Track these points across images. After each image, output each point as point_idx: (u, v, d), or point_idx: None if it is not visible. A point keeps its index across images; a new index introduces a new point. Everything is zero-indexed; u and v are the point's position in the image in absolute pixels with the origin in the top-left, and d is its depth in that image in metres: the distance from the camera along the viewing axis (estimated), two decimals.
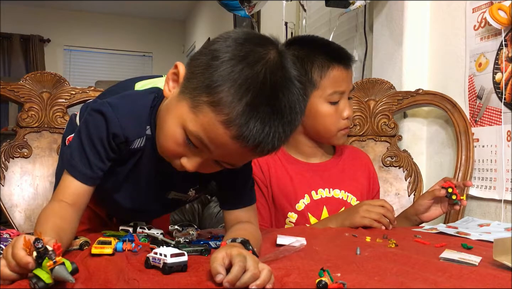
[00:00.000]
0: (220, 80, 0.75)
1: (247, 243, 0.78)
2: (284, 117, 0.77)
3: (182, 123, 0.80)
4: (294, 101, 0.79)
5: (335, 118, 1.33)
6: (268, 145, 0.78)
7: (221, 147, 0.79)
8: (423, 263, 0.82)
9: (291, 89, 0.78)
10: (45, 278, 0.60)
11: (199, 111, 0.78)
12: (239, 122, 0.75)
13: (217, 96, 0.75)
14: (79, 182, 0.90)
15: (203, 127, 0.78)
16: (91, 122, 0.91)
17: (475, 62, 1.56)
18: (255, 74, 0.75)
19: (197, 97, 0.78)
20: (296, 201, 1.35)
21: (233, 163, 0.85)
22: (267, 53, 0.78)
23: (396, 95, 1.71)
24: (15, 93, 1.52)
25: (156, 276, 0.70)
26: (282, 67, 0.78)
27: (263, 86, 0.75)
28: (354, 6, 1.77)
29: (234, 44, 0.78)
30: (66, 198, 0.89)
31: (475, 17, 1.56)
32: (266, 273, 0.66)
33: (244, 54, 0.77)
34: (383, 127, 1.70)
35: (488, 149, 1.52)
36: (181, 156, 0.84)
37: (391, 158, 1.68)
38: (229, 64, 0.76)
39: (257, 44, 0.79)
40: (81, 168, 0.90)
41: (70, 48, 6.71)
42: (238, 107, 0.74)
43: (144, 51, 7.02)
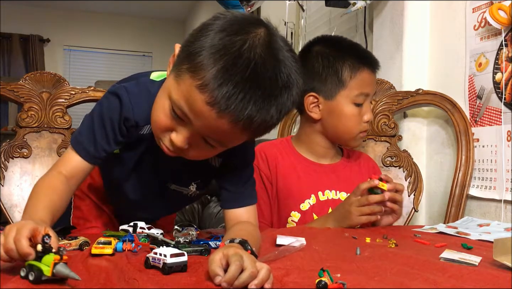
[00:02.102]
0: (200, 47, 0.77)
1: (246, 243, 0.78)
2: (261, 88, 0.77)
3: (168, 94, 0.82)
4: (276, 75, 0.78)
5: (358, 120, 1.34)
6: (243, 113, 0.76)
7: (199, 116, 0.79)
8: (423, 263, 0.82)
9: (274, 63, 0.78)
10: (44, 270, 0.61)
11: (180, 79, 0.80)
12: (211, 87, 0.75)
13: (195, 61, 0.77)
14: (81, 158, 0.93)
15: (183, 95, 0.79)
16: (105, 103, 0.94)
17: (475, 62, 1.56)
18: (233, 43, 0.76)
19: (180, 66, 0.80)
20: (301, 201, 1.35)
21: (218, 138, 0.84)
22: (253, 28, 0.79)
23: (396, 95, 1.71)
24: (14, 93, 1.52)
25: (156, 276, 0.70)
26: (267, 42, 0.79)
27: (239, 54, 0.76)
28: (355, 7, 1.77)
29: (223, 19, 0.80)
30: (65, 171, 0.93)
31: (475, 17, 1.56)
32: (265, 272, 0.66)
33: (228, 26, 0.79)
34: (383, 127, 1.70)
35: (488, 149, 1.52)
36: (170, 130, 0.85)
37: (391, 158, 1.68)
38: (212, 33, 0.78)
39: (245, 20, 0.81)
40: (86, 145, 0.93)
41: (69, 48, 6.71)
42: (212, 71, 0.75)
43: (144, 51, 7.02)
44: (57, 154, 1.50)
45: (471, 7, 1.58)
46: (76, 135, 0.96)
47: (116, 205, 1.20)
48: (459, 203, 1.55)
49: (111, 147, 0.95)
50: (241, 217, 0.99)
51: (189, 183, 1.06)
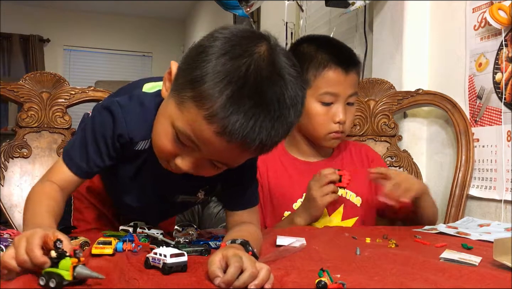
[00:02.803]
0: (202, 74, 0.74)
1: (247, 244, 0.77)
2: (271, 111, 0.74)
3: (171, 121, 0.79)
4: (283, 95, 0.76)
5: (326, 120, 1.32)
6: (254, 140, 0.74)
7: (208, 144, 0.77)
8: (423, 263, 0.82)
9: (280, 83, 0.76)
10: (65, 275, 0.61)
11: (184, 107, 0.76)
12: (221, 116, 0.72)
13: (200, 90, 0.73)
14: (73, 173, 0.93)
15: (188, 124, 0.77)
16: (98, 119, 0.92)
17: (475, 62, 1.56)
18: (237, 67, 0.73)
19: (182, 93, 0.77)
20: (294, 200, 1.35)
21: (226, 162, 0.83)
22: (254, 47, 0.76)
23: (396, 95, 1.71)
24: (14, 93, 1.52)
25: (156, 276, 0.70)
26: (270, 61, 0.76)
27: (246, 79, 0.73)
28: (354, 6, 1.77)
29: (222, 40, 0.77)
30: (57, 181, 0.92)
31: (475, 17, 1.56)
32: (265, 272, 0.66)
33: (229, 48, 0.75)
34: (383, 127, 1.70)
35: (488, 149, 1.52)
36: (175, 156, 0.83)
37: (391, 158, 1.68)
38: (213, 57, 0.74)
39: (245, 38, 0.77)
40: (78, 160, 0.92)
41: (69, 48, 6.71)
42: (219, 101, 0.72)
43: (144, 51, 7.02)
44: (57, 154, 1.50)
45: (471, 7, 1.58)
46: (68, 149, 0.94)
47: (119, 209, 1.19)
48: (459, 203, 1.55)
49: (104, 163, 0.93)
50: (243, 218, 0.99)
51: (197, 191, 1.04)
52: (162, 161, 0.87)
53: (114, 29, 6.82)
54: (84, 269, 0.62)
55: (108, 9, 6.55)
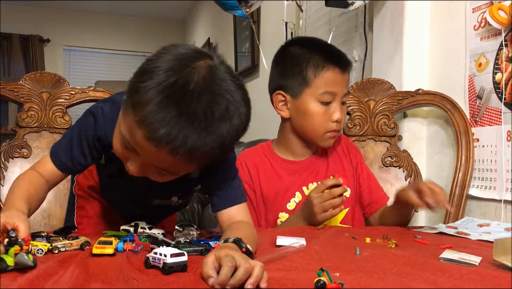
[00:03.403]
0: (142, 85, 0.79)
1: (240, 241, 0.78)
2: (195, 122, 0.78)
3: (119, 126, 0.87)
4: (213, 109, 0.79)
5: (324, 119, 1.33)
6: (179, 148, 0.78)
7: (141, 149, 0.83)
8: (423, 263, 0.82)
9: (212, 98, 0.80)
10: (8, 261, 0.68)
11: (126, 113, 0.83)
12: (148, 122, 0.77)
13: (136, 98, 0.79)
14: (58, 169, 1.01)
15: (127, 129, 0.83)
16: (83, 121, 1.02)
17: (475, 62, 1.56)
18: (169, 79, 0.78)
19: (126, 100, 0.84)
20: (287, 201, 1.36)
21: (165, 168, 0.87)
22: (194, 62, 0.81)
23: (396, 95, 1.71)
24: (14, 93, 1.52)
25: (156, 276, 0.70)
26: (205, 75, 0.80)
27: (175, 91, 0.78)
28: (354, 6, 1.77)
29: (168, 56, 0.82)
30: (43, 173, 1.01)
31: (475, 17, 1.56)
32: (259, 269, 0.67)
33: (171, 64, 0.80)
34: (383, 127, 1.70)
35: (488, 149, 1.52)
36: (126, 159, 0.89)
37: (391, 158, 1.68)
38: (155, 70, 0.80)
39: (189, 56, 0.82)
40: (64, 158, 1.01)
41: (69, 48, 6.71)
42: (149, 107, 0.77)
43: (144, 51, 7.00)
44: None
45: (471, 7, 1.59)
46: (56, 147, 1.04)
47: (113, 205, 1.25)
48: (459, 203, 1.55)
49: (87, 162, 1.02)
50: (234, 217, 1.01)
51: (170, 196, 1.12)
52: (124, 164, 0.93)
53: (114, 29, 6.82)
54: (23, 257, 0.68)
55: (108, 9, 6.55)
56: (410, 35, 1.78)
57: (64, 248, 0.85)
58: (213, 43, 5.23)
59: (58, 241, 0.86)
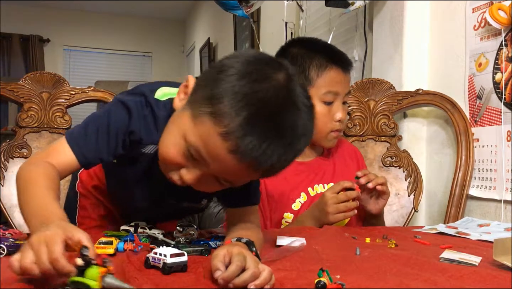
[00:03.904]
0: (222, 93, 0.76)
1: (252, 244, 0.78)
2: (284, 138, 0.77)
3: (183, 133, 0.80)
4: (297, 124, 0.78)
5: (327, 119, 1.33)
6: (264, 163, 0.77)
7: (217, 161, 0.78)
8: (423, 263, 0.82)
9: (295, 112, 0.78)
10: (92, 284, 0.59)
11: (199, 122, 0.78)
12: (236, 135, 0.74)
13: (218, 107, 0.75)
14: (76, 159, 0.89)
15: (201, 139, 0.78)
16: (114, 112, 0.91)
17: (475, 62, 1.56)
18: (256, 91, 0.75)
19: (199, 107, 0.78)
20: (292, 201, 1.36)
21: (231, 180, 0.84)
22: (274, 73, 0.78)
23: (396, 95, 1.71)
24: (14, 93, 1.52)
25: (156, 276, 0.70)
26: (288, 89, 0.78)
27: (264, 104, 0.75)
28: (354, 6, 1.77)
29: (243, 61, 0.79)
30: (57, 164, 0.87)
31: (475, 17, 1.56)
32: (267, 274, 0.66)
33: (250, 71, 0.77)
34: (383, 128, 1.70)
35: (488, 149, 1.52)
36: (181, 167, 0.83)
37: (391, 158, 1.68)
38: (233, 78, 0.76)
39: (265, 64, 0.80)
40: (85, 149, 0.89)
41: (69, 48, 6.71)
42: (237, 120, 0.74)
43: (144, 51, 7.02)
44: None
45: (471, 7, 1.58)
46: (75, 136, 0.91)
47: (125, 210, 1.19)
48: (459, 203, 1.55)
49: (109, 158, 0.92)
50: (244, 216, 0.99)
51: (201, 199, 1.07)
52: (166, 172, 0.87)
53: (114, 29, 6.82)
54: (113, 279, 0.60)
55: (108, 9, 6.55)
56: (410, 35, 1.78)
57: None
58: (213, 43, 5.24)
59: None
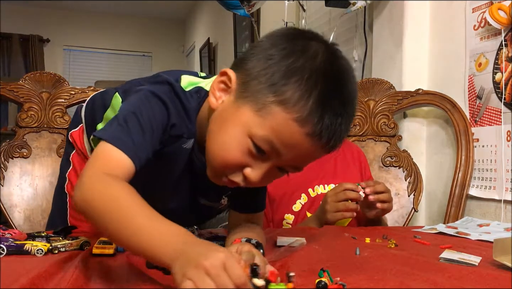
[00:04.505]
0: (285, 77, 0.72)
1: (260, 246, 0.78)
2: (351, 106, 0.75)
3: (248, 130, 0.74)
4: (354, 89, 0.77)
5: None
6: (338, 139, 0.74)
7: (293, 147, 0.73)
8: (423, 263, 0.82)
9: (350, 78, 0.77)
10: None
11: (267, 113, 0.72)
12: (313, 117, 0.71)
13: (286, 94, 0.71)
14: (132, 162, 0.74)
15: (273, 130, 0.72)
16: (152, 106, 0.80)
17: (475, 62, 1.56)
18: (318, 66, 0.72)
19: (262, 99, 0.73)
20: (293, 202, 1.36)
21: (300, 164, 0.79)
22: (320, 45, 0.76)
23: (396, 95, 1.71)
24: (14, 93, 1.52)
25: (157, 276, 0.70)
26: (337, 57, 0.76)
27: (329, 78, 0.73)
28: (355, 7, 1.77)
29: (285, 41, 0.75)
30: (121, 174, 0.72)
31: (475, 17, 1.56)
32: None
33: (300, 48, 0.74)
34: (383, 127, 1.70)
35: (488, 149, 1.52)
36: (244, 167, 0.77)
37: (391, 158, 1.68)
38: (289, 59, 0.73)
39: (307, 38, 0.77)
40: (139, 150, 0.76)
41: (69, 48, 6.71)
42: (310, 101, 0.70)
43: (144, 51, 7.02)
44: (57, 154, 1.50)
45: (471, 7, 1.59)
46: (119, 138, 0.75)
47: None
48: (459, 203, 1.55)
49: (149, 154, 0.79)
50: (249, 219, 0.98)
51: (220, 197, 1.02)
52: (217, 175, 0.81)
53: (114, 29, 6.82)
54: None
55: (108, 9, 6.55)
56: (410, 35, 1.78)
57: (64, 248, 0.85)
58: (213, 43, 5.23)
59: (58, 241, 0.86)
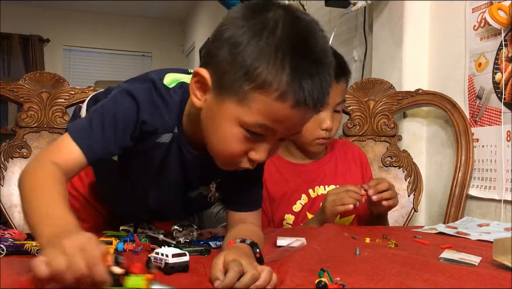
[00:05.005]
0: (255, 62, 0.73)
1: (256, 245, 0.78)
2: (324, 63, 0.77)
3: (237, 120, 0.77)
4: (324, 41, 0.78)
5: (313, 127, 1.31)
6: (323, 95, 0.77)
7: (285, 122, 0.77)
8: (423, 263, 0.82)
9: (316, 33, 0.78)
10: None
11: (249, 101, 0.75)
12: (293, 90, 0.73)
13: (260, 77, 0.73)
14: (84, 155, 0.82)
15: (260, 113, 0.76)
16: (121, 103, 0.85)
17: (475, 62, 1.56)
18: (281, 37, 0.74)
19: (240, 89, 0.75)
20: (293, 203, 1.36)
21: (298, 129, 0.83)
22: (278, 13, 0.76)
23: (396, 95, 1.71)
24: (14, 93, 1.52)
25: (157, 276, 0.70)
26: (296, 18, 0.77)
27: (295, 44, 0.74)
28: (356, 7, 1.77)
29: (245, 22, 0.76)
30: (63, 164, 0.80)
31: (475, 17, 1.56)
32: (266, 274, 0.66)
33: (260, 25, 0.75)
34: (383, 127, 1.70)
35: (488, 149, 1.52)
36: (247, 152, 0.81)
37: (390, 158, 1.68)
38: (253, 42, 0.74)
39: (264, 10, 0.77)
40: (93, 143, 0.83)
41: (69, 48, 6.71)
42: (284, 77, 0.73)
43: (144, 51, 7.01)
44: None
45: (471, 7, 1.59)
46: (79, 129, 0.84)
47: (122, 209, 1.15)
48: (459, 203, 1.55)
49: (117, 150, 0.87)
50: (246, 219, 0.98)
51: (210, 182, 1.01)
52: (228, 165, 0.85)
53: (113, 29, 6.82)
54: (162, 285, 0.59)
55: (108, 9, 6.55)
56: (410, 35, 1.78)
57: None
58: None
59: None
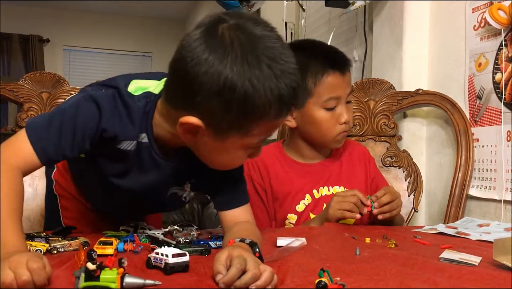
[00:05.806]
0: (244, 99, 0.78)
1: (255, 245, 0.78)
2: (284, 57, 0.82)
3: (242, 146, 0.88)
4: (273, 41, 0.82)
5: (332, 124, 1.32)
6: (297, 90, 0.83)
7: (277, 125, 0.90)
8: (423, 263, 0.82)
9: (265, 38, 0.81)
10: (113, 286, 0.59)
11: (252, 129, 0.84)
12: (263, 102, 0.79)
13: (258, 109, 0.80)
14: (36, 155, 0.84)
15: (263, 133, 0.86)
16: (83, 108, 0.87)
17: (475, 62, 1.56)
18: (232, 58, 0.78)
19: (242, 125, 0.83)
20: (297, 202, 1.35)
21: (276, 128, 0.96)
22: (231, 32, 0.80)
23: (396, 95, 1.71)
24: (14, 93, 1.52)
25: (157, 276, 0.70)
26: (245, 31, 0.81)
27: (257, 60, 0.78)
28: (354, 6, 1.77)
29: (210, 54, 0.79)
30: (20, 164, 0.83)
31: (475, 17, 1.56)
32: (268, 274, 0.66)
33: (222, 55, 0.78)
34: (383, 128, 1.70)
35: (488, 149, 1.52)
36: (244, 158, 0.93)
37: (391, 158, 1.68)
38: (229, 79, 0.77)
39: (219, 34, 0.80)
40: (46, 144, 0.85)
41: (69, 48, 6.70)
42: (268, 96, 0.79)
43: (144, 51, 7.01)
44: None
45: (471, 7, 1.59)
46: (37, 128, 0.86)
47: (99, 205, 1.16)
48: (459, 203, 1.55)
49: (73, 154, 0.88)
50: (239, 217, 1.00)
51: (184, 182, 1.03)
52: None
53: (113, 29, 6.81)
54: (134, 278, 0.60)
55: (108, 9, 6.55)
56: (410, 35, 1.78)
57: (63, 248, 0.85)
58: None
59: (57, 241, 0.86)
